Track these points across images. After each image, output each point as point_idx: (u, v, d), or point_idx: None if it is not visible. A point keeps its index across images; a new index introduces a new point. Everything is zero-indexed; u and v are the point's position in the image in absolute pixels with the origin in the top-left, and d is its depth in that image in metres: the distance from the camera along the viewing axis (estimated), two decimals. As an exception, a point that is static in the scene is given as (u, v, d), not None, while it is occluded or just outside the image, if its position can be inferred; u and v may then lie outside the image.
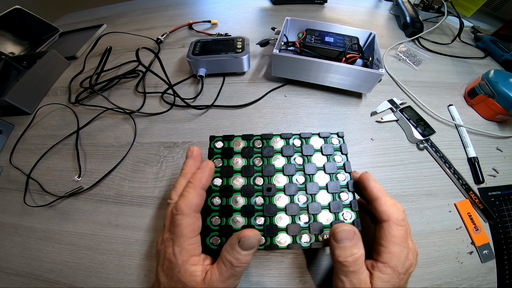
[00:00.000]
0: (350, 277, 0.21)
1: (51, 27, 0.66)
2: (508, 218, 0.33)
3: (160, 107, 0.45)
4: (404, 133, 0.40)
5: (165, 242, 0.22)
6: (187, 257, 0.21)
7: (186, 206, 0.22)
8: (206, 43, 0.48)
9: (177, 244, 0.21)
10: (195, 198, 0.23)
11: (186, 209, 0.22)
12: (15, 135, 0.44)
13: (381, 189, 0.23)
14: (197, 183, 0.23)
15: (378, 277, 0.21)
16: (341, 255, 0.21)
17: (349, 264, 0.21)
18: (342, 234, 0.22)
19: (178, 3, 0.74)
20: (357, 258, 0.21)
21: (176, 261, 0.21)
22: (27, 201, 0.36)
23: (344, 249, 0.21)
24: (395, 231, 0.21)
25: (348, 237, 0.22)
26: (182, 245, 0.21)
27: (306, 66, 0.40)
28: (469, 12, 0.62)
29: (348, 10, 0.68)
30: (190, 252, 0.22)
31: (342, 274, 0.21)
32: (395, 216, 0.22)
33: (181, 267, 0.21)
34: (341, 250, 0.21)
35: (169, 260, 0.22)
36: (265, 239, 0.24)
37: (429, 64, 0.51)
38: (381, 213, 0.22)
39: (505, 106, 0.38)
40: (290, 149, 0.28)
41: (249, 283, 0.29)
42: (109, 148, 0.40)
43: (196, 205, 0.22)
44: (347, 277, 0.21)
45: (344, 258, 0.21)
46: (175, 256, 0.21)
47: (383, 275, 0.21)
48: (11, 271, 0.31)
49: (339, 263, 0.21)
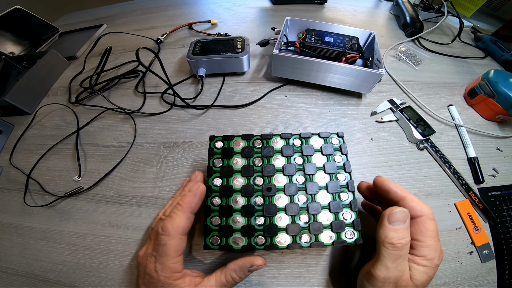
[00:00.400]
0: (398, 262, 0.21)
1: (51, 27, 0.66)
2: (508, 218, 0.33)
3: (160, 107, 0.45)
4: (404, 133, 0.40)
5: (148, 257, 0.23)
6: (170, 274, 0.22)
7: (173, 228, 0.23)
8: (206, 43, 0.48)
9: (159, 261, 0.22)
10: (183, 222, 0.23)
11: (173, 231, 0.22)
12: (15, 135, 0.44)
13: (403, 188, 0.24)
14: (186, 206, 0.24)
15: (416, 269, 0.21)
16: (395, 237, 0.21)
17: (402, 246, 0.21)
18: (399, 215, 0.22)
19: (178, 3, 0.74)
20: (407, 243, 0.21)
21: (158, 277, 0.22)
22: (27, 201, 0.36)
23: (397, 231, 0.21)
24: (430, 225, 0.22)
25: (403, 219, 0.22)
26: (164, 263, 0.22)
27: (306, 66, 0.40)
28: (469, 12, 0.62)
29: (348, 10, 0.68)
30: (173, 270, 0.22)
31: (390, 260, 0.21)
32: (428, 211, 0.22)
33: (164, 282, 0.22)
34: (395, 232, 0.21)
35: (149, 275, 0.22)
36: (265, 239, 0.24)
37: (429, 64, 0.51)
38: (413, 209, 0.22)
39: (505, 106, 0.38)
40: (290, 149, 0.28)
41: (249, 283, 0.29)
42: (109, 148, 0.40)
43: (183, 228, 0.23)
44: (394, 262, 0.21)
45: (398, 239, 0.21)
46: (157, 272, 0.22)
47: (421, 267, 0.21)
48: (11, 271, 0.31)
49: (391, 245, 0.21)
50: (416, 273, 0.21)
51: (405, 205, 0.23)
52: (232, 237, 0.25)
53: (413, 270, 0.21)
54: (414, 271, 0.21)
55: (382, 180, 0.25)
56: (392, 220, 0.22)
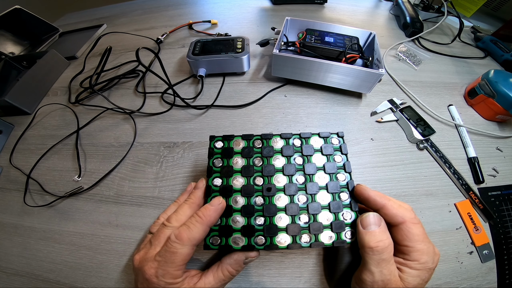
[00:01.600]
0: (382, 266, 0.21)
1: (51, 27, 0.66)
2: (508, 218, 0.33)
3: (160, 107, 0.45)
4: (404, 133, 0.40)
5: (148, 261, 0.22)
6: (171, 280, 0.22)
7: (189, 239, 0.22)
8: (206, 43, 0.48)
9: (163, 267, 0.21)
10: (200, 234, 0.23)
11: (188, 241, 0.22)
12: (15, 135, 0.44)
13: (382, 196, 0.24)
14: (206, 220, 0.23)
15: (408, 273, 0.21)
16: (371, 240, 0.21)
17: (381, 249, 0.21)
18: (370, 219, 0.22)
19: (178, 3, 0.74)
20: (387, 244, 0.21)
21: (158, 283, 0.21)
22: (27, 201, 0.36)
23: (373, 234, 0.21)
24: (414, 230, 0.22)
25: (375, 222, 0.22)
26: (168, 270, 0.21)
27: (306, 66, 0.40)
28: (469, 12, 0.62)
29: (348, 10, 0.68)
30: (174, 276, 0.22)
31: (373, 264, 0.21)
32: (409, 216, 0.22)
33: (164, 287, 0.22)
34: (371, 235, 0.21)
35: (149, 281, 0.22)
36: (265, 239, 0.24)
37: (429, 64, 0.51)
38: (394, 216, 0.22)
39: (505, 106, 0.38)
40: (290, 149, 0.28)
41: (249, 283, 0.29)
42: (109, 148, 0.40)
43: (198, 240, 0.23)
44: (378, 266, 0.21)
45: (375, 242, 0.21)
46: (157, 278, 0.21)
47: (413, 271, 0.21)
48: (11, 271, 0.31)
49: (370, 250, 0.21)
50: (407, 277, 0.21)
51: (386, 213, 0.23)
52: (232, 237, 0.25)
53: (405, 273, 0.21)
54: (406, 274, 0.21)
55: (361, 189, 0.25)
56: (365, 224, 0.22)
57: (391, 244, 0.21)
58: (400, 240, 0.22)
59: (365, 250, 0.21)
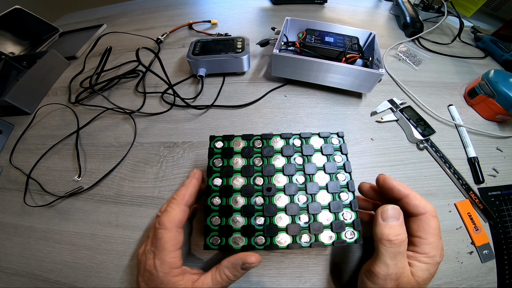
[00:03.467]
0: (397, 259, 0.21)
1: (51, 27, 0.66)
2: (508, 218, 0.33)
3: (160, 107, 0.45)
4: (404, 133, 0.40)
5: (146, 253, 0.23)
6: (168, 270, 0.22)
7: (169, 221, 0.23)
8: (206, 43, 0.48)
9: (158, 257, 0.22)
10: (178, 214, 0.24)
11: (169, 224, 0.23)
12: (15, 135, 0.44)
13: (406, 186, 0.24)
14: (180, 199, 0.25)
15: (417, 266, 0.21)
16: (391, 233, 0.21)
17: (399, 243, 0.21)
18: (391, 212, 0.22)
19: (178, 3, 0.74)
20: (404, 238, 0.21)
21: (157, 274, 0.22)
22: (27, 201, 0.36)
23: (393, 227, 0.21)
24: (432, 223, 0.22)
25: (394, 216, 0.22)
26: (163, 258, 0.22)
27: (306, 66, 0.40)
28: (469, 12, 0.62)
29: (348, 10, 0.68)
30: (172, 265, 0.22)
31: (389, 257, 0.21)
32: (431, 209, 0.23)
33: (163, 279, 0.22)
34: (390, 228, 0.21)
35: (149, 272, 0.22)
36: (265, 239, 0.24)
37: (429, 64, 0.51)
38: (416, 207, 0.23)
39: (505, 106, 0.38)
40: (290, 149, 0.28)
41: (249, 283, 0.29)
42: (109, 148, 0.40)
43: (179, 220, 0.23)
44: (394, 259, 0.21)
45: (394, 236, 0.21)
46: (156, 268, 0.22)
47: (422, 265, 0.21)
48: (11, 271, 0.31)
49: (388, 242, 0.21)
50: (417, 270, 0.21)
51: (409, 203, 0.23)
52: (232, 237, 0.25)
53: (415, 267, 0.21)
54: (415, 268, 0.21)
55: (385, 178, 0.25)
56: (385, 217, 0.22)
57: (407, 238, 0.22)
58: (415, 231, 0.22)
59: (382, 243, 0.21)
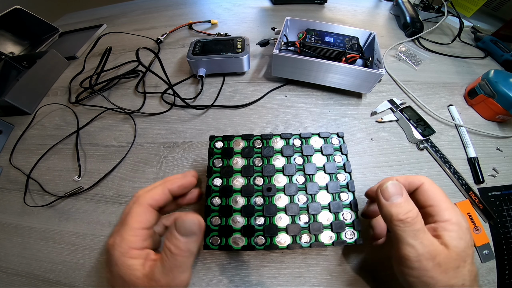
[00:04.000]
0: (420, 237, 0.19)
1: (51, 27, 0.66)
2: (508, 218, 0.33)
3: (160, 107, 0.45)
4: (404, 133, 0.40)
5: (112, 234, 0.20)
6: (126, 249, 0.19)
7: (143, 196, 0.21)
8: (206, 43, 0.48)
9: (119, 234, 0.20)
10: (157, 194, 0.22)
11: (142, 199, 0.21)
12: (15, 135, 0.44)
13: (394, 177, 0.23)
14: (168, 183, 0.23)
15: (448, 236, 0.19)
16: (400, 212, 0.19)
17: (412, 220, 0.19)
18: (391, 189, 0.20)
19: (178, 3, 0.74)
20: (416, 214, 0.19)
21: (114, 253, 0.19)
22: (27, 201, 0.36)
23: (399, 205, 0.20)
24: (434, 189, 0.21)
25: (396, 192, 0.20)
26: (123, 235, 0.19)
27: (306, 66, 0.40)
28: (469, 12, 0.62)
29: (348, 10, 0.68)
30: (130, 244, 0.19)
31: (410, 237, 0.19)
32: (425, 178, 0.22)
33: (118, 260, 0.19)
34: (397, 207, 0.20)
35: (108, 252, 0.20)
36: (265, 239, 0.24)
37: (429, 64, 0.51)
38: (411, 182, 0.22)
39: (505, 106, 0.38)
40: (290, 149, 0.28)
41: (249, 283, 0.29)
42: (109, 148, 0.40)
43: (154, 199, 0.21)
44: (416, 238, 0.19)
45: (404, 214, 0.19)
46: (114, 247, 0.19)
47: (452, 233, 0.19)
48: (11, 271, 0.31)
49: (401, 223, 0.19)
50: (450, 240, 0.19)
51: (402, 181, 0.22)
52: (232, 237, 0.25)
53: (446, 238, 0.19)
54: (447, 238, 0.19)
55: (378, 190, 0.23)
56: (387, 196, 0.20)
57: (419, 212, 0.20)
58: (424, 202, 0.21)
59: (396, 224, 0.19)
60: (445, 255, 0.18)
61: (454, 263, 0.18)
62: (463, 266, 0.19)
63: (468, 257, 0.19)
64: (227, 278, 0.29)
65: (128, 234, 0.19)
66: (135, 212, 0.20)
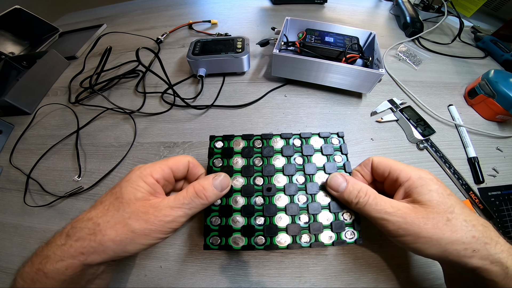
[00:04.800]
0: (383, 207, 0.19)
1: (51, 27, 0.66)
2: (508, 218, 0.33)
3: (160, 107, 0.45)
4: (404, 133, 0.40)
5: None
6: (147, 173, 0.21)
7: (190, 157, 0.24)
8: (206, 43, 0.48)
9: (153, 162, 0.22)
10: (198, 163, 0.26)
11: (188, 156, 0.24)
12: (15, 135, 0.44)
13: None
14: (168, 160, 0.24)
15: (416, 193, 0.20)
16: (352, 194, 0.21)
17: (366, 194, 0.20)
18: (334, 181, 0.23)
19: (178, 3, 0.74)
20: (367, 189, 0.21)
21: (134, 172, 0.21)
22: (27, 201, 0.36)
23: (347, 190, 0.21)
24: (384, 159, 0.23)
25: (340, 180, 0.22)
26: (156, 163, 0.22)
27: (306, 66, 0.40)
28: (469, 12, 0.62)
29: (348, 10, 0.68)
30: (153, 171, 0.21)
31: (375, 211, 0.20)
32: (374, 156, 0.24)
33: (132, 177, 0.20)
34: (347, 192, 0.21)
35: (130, 172, 0.21)
36: (265, 239, 0.24)
37: (429, 64, 0.51)
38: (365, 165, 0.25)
39: (505, 106, 0.38)
40: (290, 149, 0.28)
41: (249, 283, 0.29)
42: (109, 148, 0.40)
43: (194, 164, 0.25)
44: (379, 211, 0.19)
45: (357, 194, 0.21)
46: (140, 169, 0.21)
47: (417, 188, 0.20)
48: (11, 271, 0.31)
49: (359, 203, 0.21)
50: (419, 196, 0.19)
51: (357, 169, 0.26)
52: (232, 237, 0.25)
53: (415, 195, 0.20)
54: (415, 195, 0.20)
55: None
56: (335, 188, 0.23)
57: (368, 186, 0.22)
58: (381, 174, 0.23)
59: (357, 207, 0.21)
60: (423, 211, 0.19)
61: (439, 217, 0.18)
62: (455, 218, 0.18)
63: (454, 207, 0.19)
64: (227, 278, 0.29)
65: (159, 164, 0.22)
66: (178, 157, 0.23)
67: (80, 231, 0.19)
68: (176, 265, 0.30)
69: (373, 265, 0.29)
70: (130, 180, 0.20)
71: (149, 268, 0.30)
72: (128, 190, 0.20)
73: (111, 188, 0.21)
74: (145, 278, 0.29)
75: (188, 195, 0.20)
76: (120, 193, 0.20)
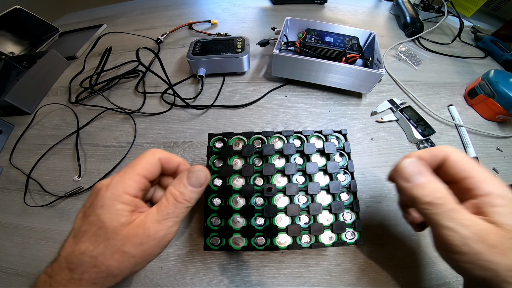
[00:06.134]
0: (458, 218, 0.16)
1: (51, 27, 0.66)
2: (508, 218, 0.33)
3: (160, 107, 0.45)
4: (404, 133, 0.40)
5: (109, 178, 0.19)
6: (120, 192, 0.18)
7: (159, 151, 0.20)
8: (206, 43, 0.48)
9: (118, 175, 0.18)
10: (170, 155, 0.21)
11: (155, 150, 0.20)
12: (15, 135, 0.44)
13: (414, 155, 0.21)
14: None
15: (495, 212, 0.16)
16: (425, 194, 0.17)
17: (444, 200, 0.17)
18: (409, 169, 0.18)
19: (178, 3, 0.74)
20: (445, 193, 0.17)
21: (104, 194, 0.18)
22: (27, 201, 0.36)
23: (423, 186, 0.17)
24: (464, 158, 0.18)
25: (417, 171, 0.18)
26: (124, 176, 0.18)
27: (306, 66, 0.40)
28: (469, 12, 0.62)
29: (348, 10, 0.68)
30: (126, 188, 0.18)
31: (446, 220, 0.16)
32: (450, 148, 0.19)
33: (107, 202, 0.17)
34: (421, 188, 0.17)
35: (96, 193, 0.18)
36: (265, 240, 0.24)
37: (429, 64, 0.51)
38: (434, 155, 0.19)
39: (505, 106, 0.38)
40: (291, 147, 0.28)
41: (249, 283, 0.29)
42: (109, 148, 0.40)
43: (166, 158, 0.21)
44: (453, 220, 0.16)
45: (431, 195, 0.17)
46: (108, 187, 0.18)
47: (499, 208, 0.16)
48: (11, 271, 0.31)
49: (429, 206, 0.17)
50: (499, 217, 0.16)
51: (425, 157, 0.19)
52: (232, 238, 0.25)
53: (493, 215, 0.16)
54: (494, 215, 0.16)
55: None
56: (406, 177, 0.18)
57: (448, 190, 0.17)
58: (456, 175, 0.18)
59: (423, 208, 0.17)
60: (497, 234, 0.16)
61: (510, 243, 0.15)
62: None
63: None
64: (227, 278, 0.29)
65: (129, 177, 0.18)
66: (146, 159, 0.19)
67: (81, 266, 0.17)
68: (176, 265, 0.30)
69: (373, 265, 0.29)
70: (104, 205, 0.17)
71: (149, 268, 0.30)
72: (109, 218, 0.17)
73: (84, 215, 0.18)
74: (145, 278, 0.29)
75: (169, 204, 0.19)
76: (100, 221, 0.17)
